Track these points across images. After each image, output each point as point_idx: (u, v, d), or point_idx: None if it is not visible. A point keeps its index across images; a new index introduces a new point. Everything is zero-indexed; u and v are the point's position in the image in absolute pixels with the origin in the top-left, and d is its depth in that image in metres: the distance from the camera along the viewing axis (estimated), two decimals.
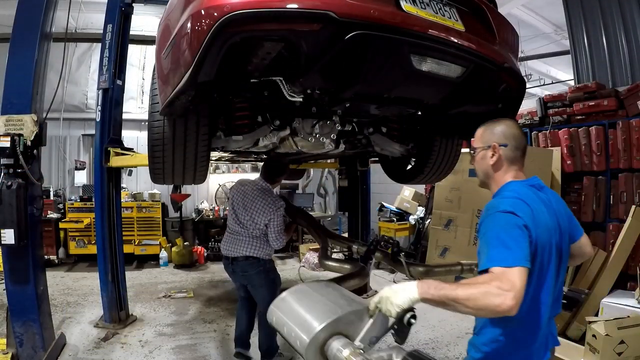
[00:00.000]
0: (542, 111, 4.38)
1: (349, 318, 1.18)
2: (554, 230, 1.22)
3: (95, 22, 5.73)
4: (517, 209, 1.13)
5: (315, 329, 1.12)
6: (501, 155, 1.30)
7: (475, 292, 1.00)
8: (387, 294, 1.11)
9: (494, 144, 1.30)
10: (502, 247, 1.06)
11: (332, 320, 1.14)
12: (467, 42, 1.37)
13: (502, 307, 0.97)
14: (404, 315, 1.08)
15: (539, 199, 1.24)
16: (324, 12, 1.09)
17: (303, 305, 1.27)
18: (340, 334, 1.15)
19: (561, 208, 1.34)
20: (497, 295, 0.97)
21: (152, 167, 1.89)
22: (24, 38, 2.83)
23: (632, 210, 3.43)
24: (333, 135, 1.98)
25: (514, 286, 0.98)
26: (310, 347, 1.12)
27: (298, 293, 1.35)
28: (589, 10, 4.63)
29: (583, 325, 3.31)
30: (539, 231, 1.15)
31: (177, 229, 6.94)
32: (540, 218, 1.17)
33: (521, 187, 1.25)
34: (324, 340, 1.14)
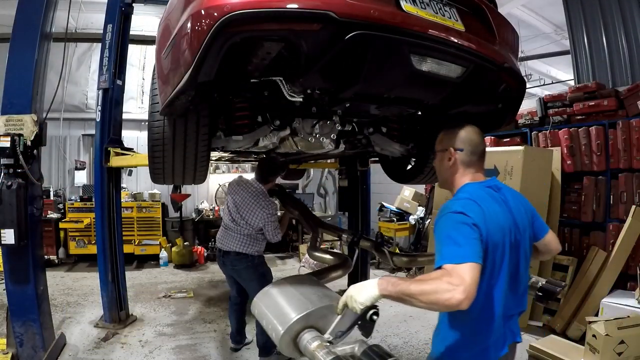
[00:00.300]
0: (542, 111, 4.38)
1: (321, 312, 1.31)
2: (508, 229, 1.27)
3: (95, 22, 5.73)
4: (468, 209, 1.19)
5: (288, 322, 1.27)
6: (457, 159, 1.37)
7: (427, 287, 1.05)
8: (352, 292, 1.18)
9: (450, 148, 1.38)
10: (453, 244, 1.12)
11: (303, 314, 1.28)
12: (467, 42, 1.36)
13: (451, 302, 1.01)
14: (367, 311, 1.16)
15: (493, 199, 1.29)
16: (324, 12, 1.09)
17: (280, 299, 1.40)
18: (312, 327, 1.29)
19: (521, 207, 1.39)
20: (447, 290, 1.02)
21: (152, 167, 1.89)
22: (24, 38, 2.83)
23: (632, 210, 3.43)
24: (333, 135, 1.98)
25: (463, 281, 1.03)
26: (284, 338, 1.27)
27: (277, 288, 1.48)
28: (589, 10, 4.63)
29: (583, 325, 3.32)
30: (490, 230, 1.19)
31: (177, 229, 6.95)
32: (492, 217, 1.22)
33: (476, 189, 1.31)
34: (296, 332, 1.28)
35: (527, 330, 3.70)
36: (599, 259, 3.58)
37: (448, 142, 1.40)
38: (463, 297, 1.01)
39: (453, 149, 1.37)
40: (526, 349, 3.19)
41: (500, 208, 1.28)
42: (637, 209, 3.42)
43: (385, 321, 3.89)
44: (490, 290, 1.23)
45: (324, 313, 1.31)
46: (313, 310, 1.31)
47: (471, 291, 1.03)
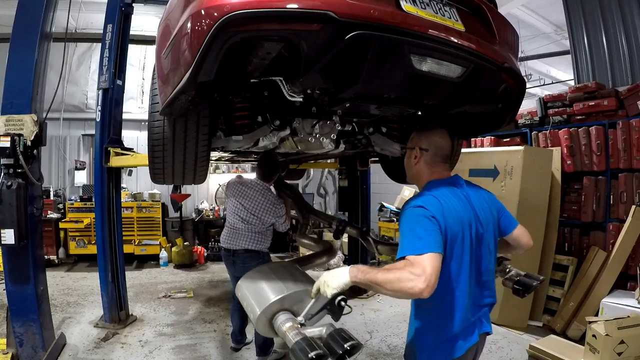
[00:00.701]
0: (542, 111, 4.38)
1: (297, 296, 1.43)
2: (467, 222, 1.34)
3: (95, 22, 5.73)
4: (427, 203, 1.28)
5: (265, 304, 1.39)
6: (421, 159, 1.47)
7: (391, 276, 1.13)
8: (326, 277, 1.28)
9: (417, 148, 1.48)
10: (414, 237, 1.20)
11: (279, 297, 1.41)
12: (467, 42, 1.36)
13: (414, 290, 1.10)
14: (336, 297, 1.25)
15: (453, 194, 1.37)
16: (324, 12, 1.09)
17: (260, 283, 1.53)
18: (287, 309, 1.42)
19: (484, 203, 1.47)
20: (409, 279, 1.11)
21: (152, 167, 1.89)
22: (24, 38, 2.83)
23: (632, 210, 3.43)
24: (333, 135, 1.98)
25: (424, 271, 1.11)
26: (261, 318, 1.40)
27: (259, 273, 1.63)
28: (589, 10, 4.63)
29: (583, 325, 3.32)
30: (448, 223, 1.27)
31: (177, 229, 6.95)
32: (451, 211, 1.30)
33: (437, 186, 1.40)
34: (272, 313, 1.40)
35: (527, 330, 3.71)
36: (599, 259, 3.58)
37: (416, 141, 1.50)
38: (424, 286, 1.09)
39: (419, 148, 1.47)
40: (526, 349, 3.20)
41: (460, 203, 1.36)
42: (637, 209, 3.42)
43: (385, 321, 3.89)
44: (452, 280, 1.31)
45: (300, 297, 1.43)
46: (289, 294, 1.42)
47: (432, 280, 1.11)
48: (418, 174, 1.50)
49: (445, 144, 1.48)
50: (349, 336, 1.27)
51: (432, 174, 1.47)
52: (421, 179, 1.49)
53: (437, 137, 1.48)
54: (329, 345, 1.26)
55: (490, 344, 3.40)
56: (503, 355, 3.23)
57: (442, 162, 1.48)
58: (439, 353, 1.35)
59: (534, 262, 3.81)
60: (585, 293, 3.57)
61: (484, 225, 1.40)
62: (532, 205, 3.70)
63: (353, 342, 1.24)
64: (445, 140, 1.48)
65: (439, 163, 1.47)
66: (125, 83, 3.93)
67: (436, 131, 1.50)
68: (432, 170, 1.47)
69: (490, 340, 3.49)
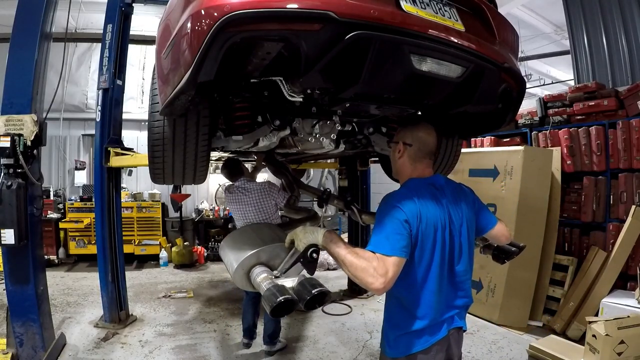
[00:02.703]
0: (542, 111, 4.38)
1: (272, 251, 1.53)
2: (441, 226, 1.38)
3: (95, 22, 5.74)
4: (404, 204, 1.32)
5: (241, 258, 1.48)
6: (405, 153, 1.49)
7: (357, 264, 1.22)
8: (299, 231, 1.39)
9: (401, 142, 1.50)
10: (386, 235, 1.27)
11: (254, 251, 1.50)
12: (467, 42, 1.36)
13: (370, 286, 1.21)
14: (308, 250, 1.34)
15: (431, 195, 1.41)
16: (324, 12, 1.09)
17: (239, 241, 1.64)
18: (263, 264, 1.51)
19: (461, 203, 1.50)
20: (371, 275, 1.20)
21: (152, 167, 1.89)
22: (24, 38, 2.83)
23: (632, 210, 3.44)
24: (333, 135, 1.97)
25: (386, 273, 1.20)
26: (237, 271, 1.50)
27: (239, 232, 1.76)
28: (589, 10, 4.63)
29: (583, 325, 3.32)
30: (421, 226, 1.32)
31: (177, 229, 6.95)
32: (425, 214, 1.34)
33: (417, 184, 1.44)
34: (249, 266, 1.49)
35: (527, 330, 3.71)
36: (599, 259, 3.58)
37: (402, 136, 1.52)
38: (381, 287, 1.20)
39: (403, 143, 1.49)
40: (526, 349, 3.20)
41: (436, 205, 1.39)
42: (637, 209, 3.42)
43: None
44: (420, 279, 1.35)
45: (277, 252, 1.52)
46: (264, 248, 1.52)
47: (389, 284, 1.21)
48: (401, 169, 1.53)
49: (430, 140, 1.49)
50: (318, 283, 1.35)
51: (414, 170, 1.49)
52: (403, 174, 1.52)
53: (422, 132, 1.49)
54: (299, 292, 1.34)
55: (490, 344, 3.40)
56: (503, 355, 3.23)
57: (426, 157, 1.49)
58: (402, 343, 1.40)
59: (534, 262, 3.81)
60: (585, 293, 3.57)
61: (457, 228, 1.43)
62: (532, 205, 3.70)
63: (321, 288, 1.33)
64: (430, 136, 1.49)
65: (421, 159, 1.49)
66: (125, 83, 3.93)
67: (421, 127, 1.51)
68: (415, 166, 1.49)
69: (490, 340, 3.50)
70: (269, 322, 3.19)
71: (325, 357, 3.25)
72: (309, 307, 1.35)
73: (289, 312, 1.34)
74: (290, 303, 1.30)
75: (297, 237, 1.39)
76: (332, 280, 5.51)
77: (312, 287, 1.33)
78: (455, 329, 1.46)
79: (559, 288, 3.81)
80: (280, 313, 1.31)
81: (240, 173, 3.11)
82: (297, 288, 1.37)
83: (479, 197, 1.63)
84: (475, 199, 1.60)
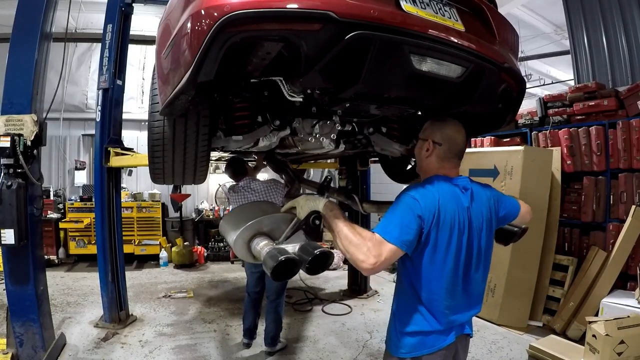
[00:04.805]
0: (542, 111, 4.38)
1: (273, 221, 1.48)
2: (458, 229, 1.32)
3: (95, 22, 5.73)
4: (423, 200, 1.27)
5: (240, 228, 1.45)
6: (433, 152, 1.42)
7: (353, 238, 1.20)
8: (301, 199, 1.39)
9: (430, 140, 1.43)
10: (394, 223, 1.23)
11: (254, 221, 1.46)
12: (467, 42, 1.36)
13: (360, 264, 1.18)
14: (310, 216, 1.34)
15: (454, 198, 1.35)
16: (324, 12, 1.09)
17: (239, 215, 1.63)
18: (264, 233, 1.47)
19: (485, 207, 1.43)
20: (364, 253, 1.17)
21: (152, 167, 1.89)
22: (24, 38, 2.83)
23: (632, 210, 3.44)
24: (333, 135, 1.97)
25: (379, 256, 1.17)
26: (237, 242, 1.46)
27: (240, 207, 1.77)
28: (589, 10, 4.63)
29: (583, 325, 3.32)
30: (437, 226, 1.27)
31: (177, 229, 6.95)
32: (443, 214, 1.29)
33: (442, 184, 1.36)
34: (249, 236, 1.46)
35: (527, 330, 3.71)
36: (599, 259, 3.58)
37: (430, 133, 1.45)
38: (369, 267, 1.17)
39: (432, 141, 1.42)
40: (526, 349, 3.20)
41: (456, 207, 1.34)
42: (637, 209, 3.42)
43: (385, 321, 3.85)
44: (434, 280, 1.31)
45: (277, 223, 1.48)
46: (264, 218, 1.48)
47: (379, 267, 1.18)
48: (427, 166, 1.46)
49: (460, 140, 1.43)
50: (320, 246, 1.33)
51: (440, 169, 1.43)
52: (428, 171, 1.46)
53: (453, 131, 1.42)
54: (301, 255, 1.31)
55: (490, 344, 3.40)
56: (503, 355, 3.23)
57: (454, 158, 1.44)
58: (409, 343, 1.35)
59: (534, 262, 3.81)
60: (585, 293, 3.57)
61: (477, 234, 1.39)
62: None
63: (324, 249, 1.30)
64: (460, 135, 1.43)
65: (450, 159, 1.43)
66: (125, 83, 3.93)
67: (451, 125, 1.44)
68: (442, 165, 1.43)
69: (490, 340, 3.50)
70: (271, 323, 3.20)
71: (325, 357, 3.25)
72: (312, 269, 1.32)
73: (290, 275, 1.31)
74: (292, 263, 1.26)
75: (298, 205, 1.38)
76: (332, 280, 5.51)
77: (314, 249, 1.30)
78: (463, 335, 1.43)
79: (559, 288, 3.81)
80: (281, 275, 1.27)
81: (244, 172, 3.11)
82: (299, 252, 1.33)
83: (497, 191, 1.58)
84: (498, 196, 1.55)
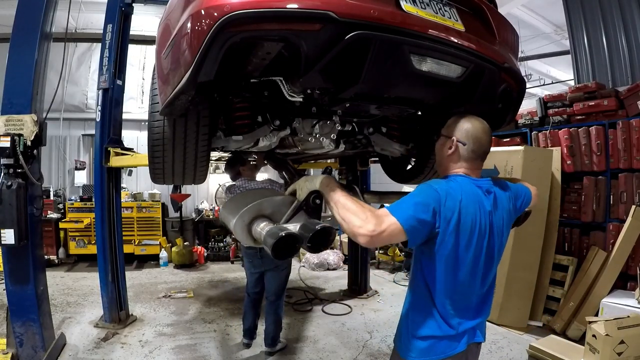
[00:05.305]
0: (542, 111, 4.38)
1: (272, 204, 1.48)
2: (480, 233, 1.27)
3: (95, 22, 5.74)
4: (445, 196, 1.20)
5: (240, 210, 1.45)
6: (457, 151, 1.35)
7: (352, 206, 1.15)
8: (301, 181, 1.42)
9: (454, 139, 1.35)
10: (407, 204, 1.17)
11: (254, 203, 1.45)
12: (467, 42, 1.36)
13: (356, 231, 1.10)
14: (310, 196, 1.38)
15: (476, 199, 1.28)
16: (324, 12, 1.09)
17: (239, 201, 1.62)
18: (265, 216, 1.46)
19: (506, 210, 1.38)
20: (362, 219, 1.10)
21: (152, 167, 1.89)
22: (24, 38, 2.83)
23: (632, 210, 3.44)
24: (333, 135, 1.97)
25: (379, 226, 1.09)
26: (237, 224, 1.44)
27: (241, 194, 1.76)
28: (589, 10, 4.63)
29: (583, 325, 3.32)
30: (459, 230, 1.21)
31: (177, 229, 6.95)
32: (465, 219, 1.23)
33: (465, 184, 1.30)
34: (249, 219, 1.45)
35: (527, 330, 3.71)
36: (599, 259, 3.58)
37: (455, 131, 1.36)
38: (366, 234, 1.08)
39: (456, 140, 1.35)
40: (526, 349, 3.20)
41: (480, 212, 1.27)
42: (637, 209, 3.42)
43: (385, 321, 3.90)
44: (446, 285, 1.27)
45: (278, 206, 1.48)
46: (264, 201, 1.48)
47: (376, 238, 1.09)
48: (448, 165, 1.39)
49: (486, 140, 1.36)
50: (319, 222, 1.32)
51: (462, 168, 1.36)
52: (448, 169, 1.39)
53: (479, 131, 1.35)
54: (301, 232, 1.30)
55: (490, 344, 3.40)
56: (503, 355, 3.23)
57: (478, 159, 1.37)
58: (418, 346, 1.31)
59: (534, 262, 3.81)
60: (585, 293, 3.57)
61: (497, 239, 1.34)
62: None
63: (325, 224, 1.28)
64: (487, 135, 1.36)
65: (473, 160, 1.36)
66: (125, 83, 3.93)
67: (478, 124, 1.36)
68: (464, 165, 1.36)
69: (490, 340, 3.50)
70: (270, 324, 3.20)
71: (325, 357, 3.25)
72: (314, 247, 1.29)
73: (292, 252, 1.29)
74: (293, 239, 1.24)
75: (298, 186, 1.41)
76: (332, 280, 5.51)
77: (315, 225, 1.28)
78: (474, 343, 1.37)
79: (559, 288, 3.81)
80: (282, 252, 1.24)
81: (238, 173, 3.12)
82: (300, 230, 1.31)
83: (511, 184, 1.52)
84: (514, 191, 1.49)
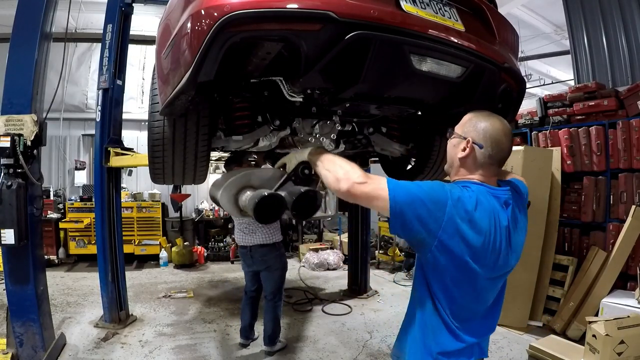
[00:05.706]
0: (542, 111, 4.38)
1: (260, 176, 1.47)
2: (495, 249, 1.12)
3: (95, 22, 5.74)
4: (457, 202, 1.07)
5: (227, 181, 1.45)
6: (472, 154, 1.18)
7: (336, 160, 1.18)
8: (291, 154, 1.44)
9: (469, 139, 1.18)
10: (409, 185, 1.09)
11: (242, 174, 1.45)
12: (467, 42, 1.36)
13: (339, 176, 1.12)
14: (299, 167, 1.40)
15: (493, 215, 1.12)
16: (324, 12, 1.09)
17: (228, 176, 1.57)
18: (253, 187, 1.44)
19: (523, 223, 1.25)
20: (345, 171, 1.12)
21: (152, 167, 1.89)
22: (24, 38, 2.83)
23: (632, 210, 3.43)
24: (333, 135, 1.97)
25: (364, 179, 1.08)
26: (224, 195, 1.44)
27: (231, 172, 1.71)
28: (589, 10, 4.63)
29: (583, 325, 3.32)
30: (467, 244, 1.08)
31: (177, 229, 6.95)
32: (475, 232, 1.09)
33: (481, 194, 1.13)
34: (237, 189, 1.44)
35: (527, 330, 3.71)
36: (599, 259, 3.58)
37: (471, 131, 1.19)
38: (348, 180, 1.09)
39: (472, 141, 1.18)
40: (526, 349, 3.20)
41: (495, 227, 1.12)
42: (637, 209, 3.42)
43: (385, 321, 3.90)
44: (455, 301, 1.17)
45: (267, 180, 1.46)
46: (251, 172, 1.48)
47: (356, 188, 1.08)
48: (460, 168, 1.22)
49: (507, 145, 1.18)
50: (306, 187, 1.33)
51: (476, 174, 1.19)
52: (461, 174, 1.23)
53: (500, 133, 1.16)
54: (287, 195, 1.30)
55: (490, 344, 3.38)
56: (503, 355, 3.23)
57: (494, 165, 1.19)
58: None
59: (534, 262, 3.81)
60: (585, 293, 3.57)
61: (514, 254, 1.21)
62: (532, 205, 3.69)
63: (310, 187, 1.30)
64: (507, 138, 1.18)
65: (490, 165, 1.18)
66: (125, 83, 3.93)
67: (498, 124, 1.18)
68: (478, 172, 1.19)
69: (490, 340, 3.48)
70: (268, 323, 3.20)
71: (325, 357, 3.25)
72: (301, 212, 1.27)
73: (276, 216, 1.28)
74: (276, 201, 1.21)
75: (288, 159, 1.44)
76: (332, 280, 5.51)
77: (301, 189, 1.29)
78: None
79: (559, 288, 3.81)
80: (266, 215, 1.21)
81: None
82: (285, 193, 1.31)
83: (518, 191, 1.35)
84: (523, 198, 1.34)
